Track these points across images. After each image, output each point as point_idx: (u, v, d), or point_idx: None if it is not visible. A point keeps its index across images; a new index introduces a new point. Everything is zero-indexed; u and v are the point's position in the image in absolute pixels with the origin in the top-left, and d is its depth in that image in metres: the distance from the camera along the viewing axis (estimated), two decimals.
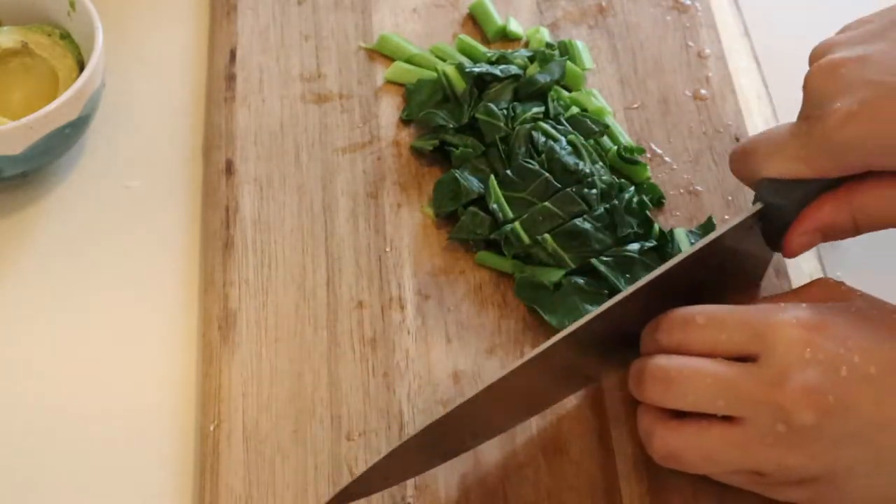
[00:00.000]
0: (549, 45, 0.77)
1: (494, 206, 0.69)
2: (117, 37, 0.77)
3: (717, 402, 0.56)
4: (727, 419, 0.56)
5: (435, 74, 0.75)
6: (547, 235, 0.67)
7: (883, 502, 0.57)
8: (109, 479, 0.63)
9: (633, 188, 0.70)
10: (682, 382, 0.57)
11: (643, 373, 0.59)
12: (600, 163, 0.71)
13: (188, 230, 0.72)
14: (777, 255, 0.66)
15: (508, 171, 0.70)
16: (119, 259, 0.70)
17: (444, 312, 0.67)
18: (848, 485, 0.56)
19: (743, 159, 0.64)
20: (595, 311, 0.60)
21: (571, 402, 0.64)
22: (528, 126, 0.71)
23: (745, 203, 0.71)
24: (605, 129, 0.73)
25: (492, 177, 0.70)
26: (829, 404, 0.55)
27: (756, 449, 0.56)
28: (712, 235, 0.61)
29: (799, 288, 0.63)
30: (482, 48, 0.77)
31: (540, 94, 0.74)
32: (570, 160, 0.70)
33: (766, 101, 0.76)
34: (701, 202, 0.71)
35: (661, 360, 0.58)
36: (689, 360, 0.57)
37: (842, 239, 0.63)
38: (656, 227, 0.69)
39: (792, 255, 0.63)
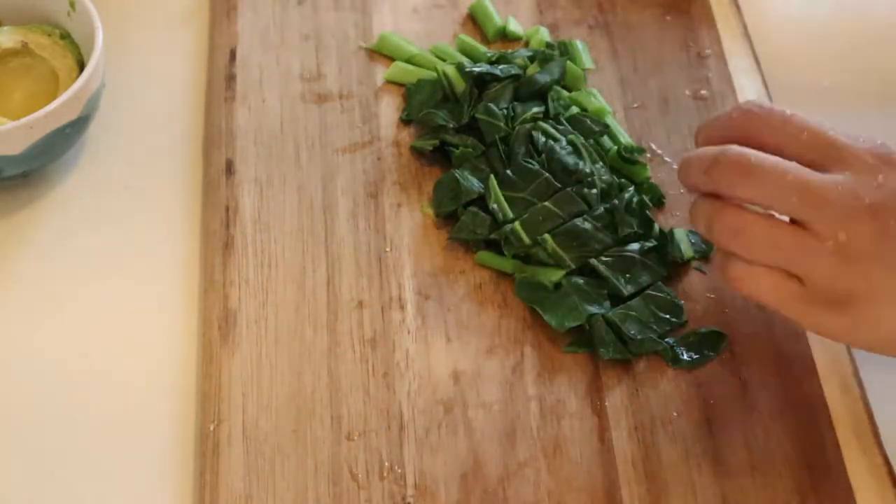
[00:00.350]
0: (549, 45, 0.77)
1: (494, 206, 0.69)
2: (117, 37, 0.77)
3: (792, 198, 0.57)
4: (793, 221, 0.58)
5: (435, 74, 0.75)
6: (547, 235, 0.67)
7: None
8: (109, 479, 0.63)
9: (633, 188, 0.70)
10: (761, 172, 0.57)
11: (718, 159, 0.58)
12: (600, 163, 0.71)
13: (188, 230, 0.72)
14: None
15: (508, 171, 0.70)
16: (119, 259, 0.70)
17: (444, 312, 0.67)
18: (878, 316, 0.57)
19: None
20: None
21: (571, 402, 0.64)
22: (528, 126, 0.71)
23: None
24: (606, 129, 0.73)
25: (492, 177, 0.70)
26: (892, 227, 0.57)
27: (814, 251, 0.57)
28: None
29: None
30: (482, 48, 0.77)
31: (540, 94, 0.74)
32: (570, 160, 0.70)
33: (765, 101, 0.76)
34: None
35: (740, 149, 0.58)
36: (770, 156, 0.58)
37: None
38: (656, 227, 0.69)
39: None
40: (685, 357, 0.65)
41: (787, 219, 0.58)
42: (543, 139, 0.71)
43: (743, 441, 0.62)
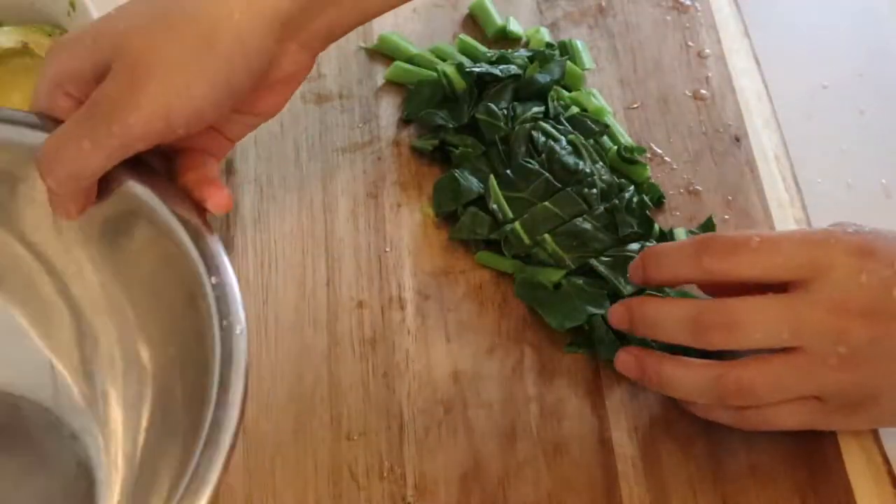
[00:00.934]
0: (549, 45, 0.77)
1: (494, 206, 0.69)
2: None
3: (783, 334, 0.57)
4: (786, 349, 0.58)
5: (435, 74, 0.75)
6: (547, 235, 0.67)
7: None
8: None
9: (632, 188, 0.70)
10: (749, 321, 0.57)
11: (701, 319, 0.58)
12: (600, 163, 0.71)
13: None
14: None
15: (508, 171, 0.70)
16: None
17: (444, 312, 0.67)
18: None
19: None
20: None
21: (571, 401, 0.64)
22: (528, 126, 0.71)
23: (744, 203, 0.71)
24: (605, 129, 0.73)
25: (491, 177, 0.70)
26: (884, 322, 0.56)
27: (819, 371, 0.57)
28: None
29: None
30: (482, 48, 0.77)
31: (540, 94, 0.74)
32: (570, 160, 0.70)
33: (766, 101, 0.76)
34: (701, 202, 0.71)
35: (720, 302, 0.58)
36: (748, 298, 0.58)
37: None
38: (656, 227, 0.69)
39: None
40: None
41: None
42: (543, 139, 0.71)
43: (743, 441, 0.62)
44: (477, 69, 0.74)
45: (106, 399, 0.60)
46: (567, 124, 0.72)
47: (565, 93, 0.75)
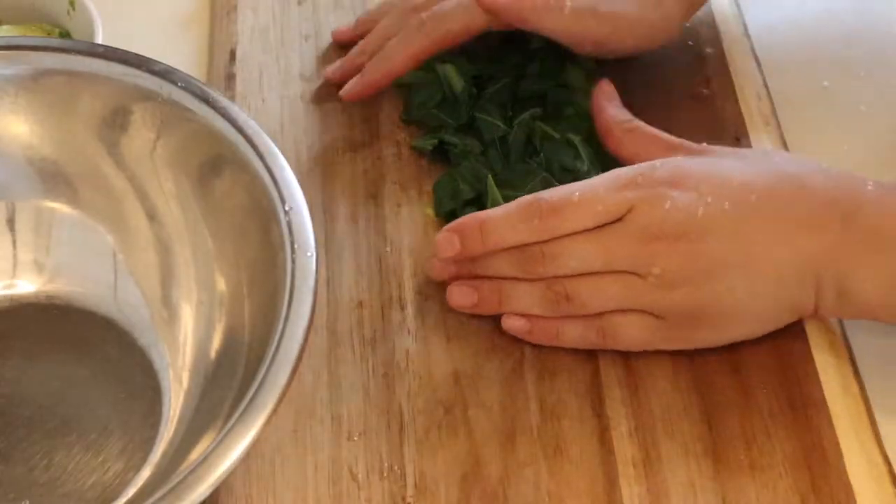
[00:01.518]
0: (548, 45, 0.77)
1: (492, 205, 0.69)
2: (117, 36, 0.77)
3: (596, 262, 0.62)
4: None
5: (434, 74, 0.75)
6: None
7: (773, 324, 0.63)
8: None
9: None
10: (567, 253, 0.62)
11: (524, 256, 0.63)
12: (598, 163, 0.71)
13: None
14: None
15: (507, 171, 0.70)
16: None
17: (444, 312, 0.67)
18: (734, 314, 0.62)
19: None
20: None
21: (571, 401, 0.64)
22: (526, 125, 0.72)
23: None
24: None
25: (489, 176, 0.70)
26: (693, 242, 0.61)
27: (640, 287, 0.62)
28: None
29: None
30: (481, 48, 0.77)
31: (539, 94, 0.74)
32: (569, 160, 0.70)
33: (766, 101, 0.76)
34: None
35: (542, 244, 0.63)
36: (566, 237, 0.62)
37: None
38: None
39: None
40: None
41: None
42: (542, 139, 0.71)
43: (743, 441, 0.62)
44: (476, 69, 0.74)
45: (178, 318, 0.64)
46: (566, 124, 0.72)
47: (564, 92, 0.75)
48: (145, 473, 0.60)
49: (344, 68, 0.75)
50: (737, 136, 0.74)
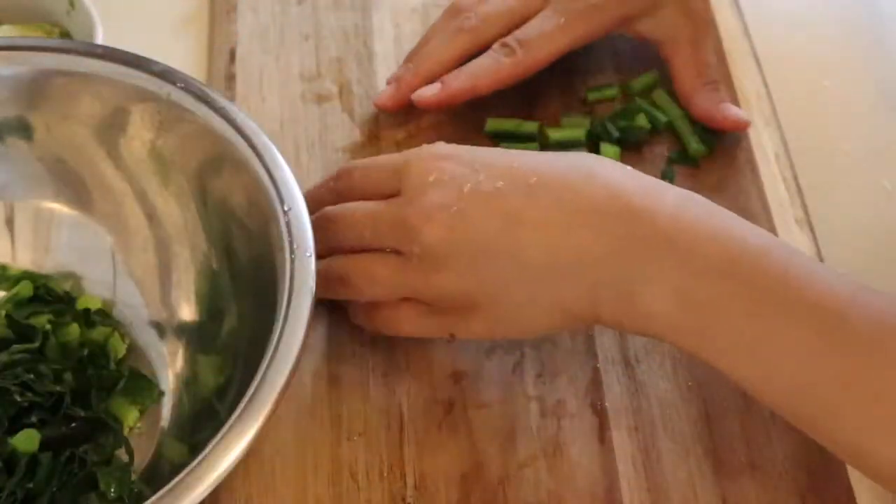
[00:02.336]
0: None
1: None
2: (116, 36, 0.77)
3: (365, 233, 0.61)
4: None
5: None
6: None
7: (553, 323, 0.59)
8: None
9: None
10: (340, 221, 0.62)
11: (320, 218, 0.62)
12: None
13: None
14: None
15: None
16: None
17: None
18: (507, 303, 0.58)
19: None
20: None
21: (571, 402, 0.63)
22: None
23: (744, 203, 0.71)
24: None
25: None
26: (453, 219, 0.58)
27: (407, 271, 0.59)
28: None
29: None
30: None
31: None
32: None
33: (766, 101, 0.76)
34: None
35: (326, 209, 0.63)
36: (349, 204, 0.62)
37: None
38: None
39: None
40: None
41: None
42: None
43: (743, 441, 0.62)
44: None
45: (177, 318, 0.65)
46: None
47: None
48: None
49: (401, 91, 0.73)
50: (737, 136, 0.74)
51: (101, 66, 0.64)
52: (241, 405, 0.52)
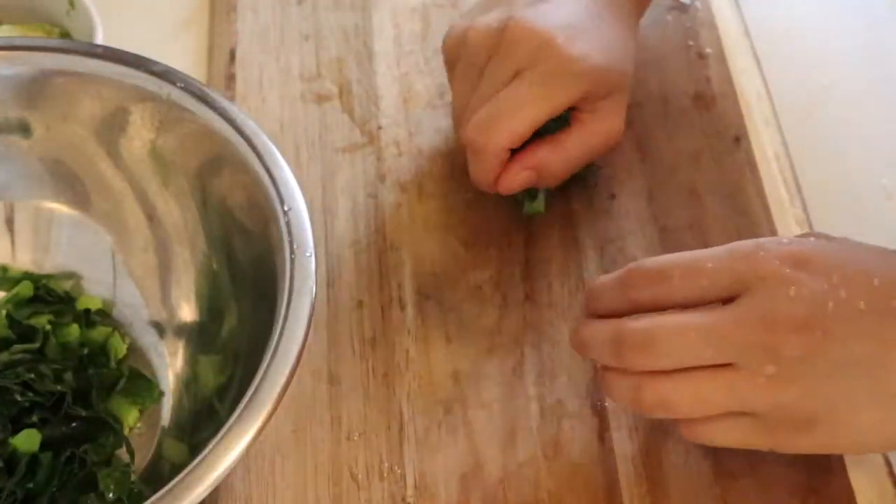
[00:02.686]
0: None
1: None
2: (116, 36, 0.77)
3: (706, 353, 0.54)
4: (716, 364, 0.55)
5: None
6: None
7: (890, 443, 0.56)
8: None
9: None
10: (666, 342, 0.55)
11: (621, 341, 0.56)
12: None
13: None
14: None
15: None
16: None
17: (444, 312, 0.67)
18: (849, 424, 0.55)
19: (486, 129, 0.65)
20: None
21: (571, 401, 0.63)
22: None
23: (744, 203, 0.71)
24: None
25: None
26: (818, 340, 0.53)
27: (748, 389, 0.54)
28: None
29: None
30: None
31: None
32: None
33: (766, 101, 0.76)
34: (701, 202, 0.71)
35: (639, 324, 0.56)
36: (669, 318, 0.55)
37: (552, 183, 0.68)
38: None
39: (507, 190, 0.67)
40: None
41: None
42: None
43: None
44: None
45: (177, 318, 0.65)
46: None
47: None
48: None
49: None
50: (737, 136, 0.74)
51: (101, 67, 0.64)
52: (241, 405, 0.52)
